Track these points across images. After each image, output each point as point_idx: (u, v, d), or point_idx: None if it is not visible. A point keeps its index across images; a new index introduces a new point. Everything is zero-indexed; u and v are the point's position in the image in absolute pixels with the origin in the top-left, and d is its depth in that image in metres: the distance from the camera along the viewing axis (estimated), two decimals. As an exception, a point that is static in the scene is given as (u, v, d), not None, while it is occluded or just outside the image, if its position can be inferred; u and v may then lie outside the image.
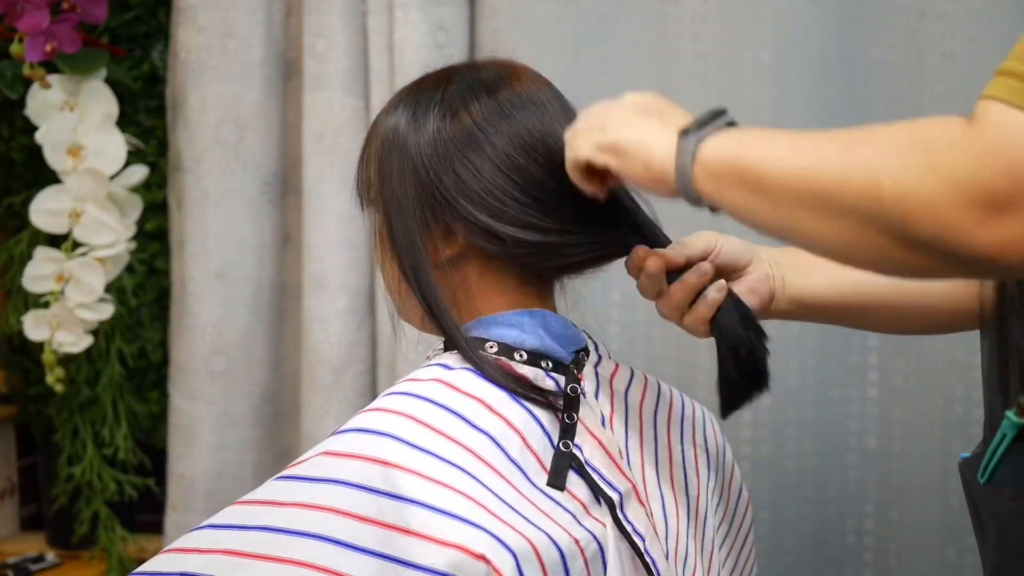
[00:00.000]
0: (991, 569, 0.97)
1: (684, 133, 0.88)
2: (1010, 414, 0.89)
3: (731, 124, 0.88)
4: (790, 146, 0.82)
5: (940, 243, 0.73)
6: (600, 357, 1.09)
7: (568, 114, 1.04)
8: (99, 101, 1.74)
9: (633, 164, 0.92)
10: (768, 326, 1.06)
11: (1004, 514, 0.94)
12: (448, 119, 1.02)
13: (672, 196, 0.90)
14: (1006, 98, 0.73)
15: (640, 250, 1.03)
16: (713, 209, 0.89)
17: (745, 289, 1.08)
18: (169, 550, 0.91)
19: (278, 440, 1.90)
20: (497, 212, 1.00)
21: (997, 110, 0.73)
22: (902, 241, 0.75)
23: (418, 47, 1.69)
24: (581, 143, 0.96)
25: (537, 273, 1.05)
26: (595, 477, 0.99)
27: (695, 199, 0.88)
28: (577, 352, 1.05)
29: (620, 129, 0.93)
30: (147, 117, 1.89)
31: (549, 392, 1.00)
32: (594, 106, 0.98)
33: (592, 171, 0.97)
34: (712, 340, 1.05)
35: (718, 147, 0.86)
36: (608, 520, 0.98)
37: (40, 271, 1.72)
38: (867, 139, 0.78)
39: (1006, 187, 0.71)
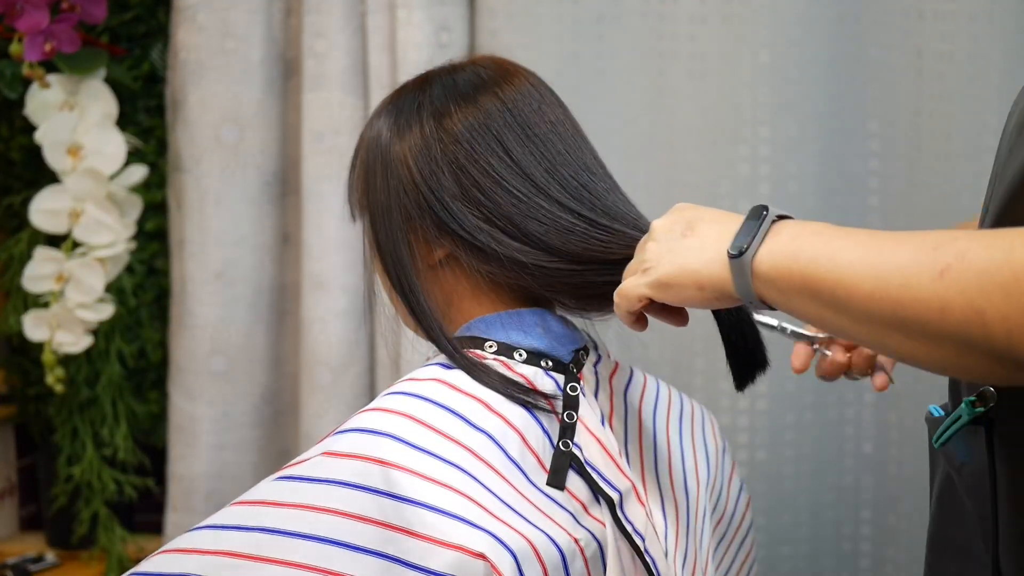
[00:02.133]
0: (930, 530, 0.98)
1: (733, 255, 0.85)
2: (968, 401, 0.90)
3: (775, 219, 0.85)
4: (865, 257, 0.78)
5: None
6: (600, 356, 1.09)
7: (554, 107, 1.05)
8: (98, 101, 1.74)
9: (685, 293, 0.89)
10: (764, 330, 1.07)
11: (946, 480, 0.96)
12: (427, 126, 1.02)
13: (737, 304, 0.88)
14: None
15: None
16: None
17: None
18: (167, 550, 0.91)
19: (278, 440, 1.90)
20: (478, 223, 1.01)
21: None
22: (1010, 364, 0.73)
23: (421, 47, 1.69)
24: (628, 288, 0.93)
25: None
26: (595, 476, 0.99)
27: (763, 308, 0.86)
28: (576, 351, 1.05)
29: (660, 264, 0.90)
30: (147, 117, 1.89)
31: (543, 395, 1.00)
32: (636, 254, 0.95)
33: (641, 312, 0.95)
34: (709, 342, 1.05)
35: (776, 255, 0.83)
36: (608, 519, 0.98)
37: (40, 271, 1.72)
38: (960, 262, 0.73)
39: None
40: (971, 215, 1.57)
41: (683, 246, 0.89)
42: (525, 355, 1.01)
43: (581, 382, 1.03)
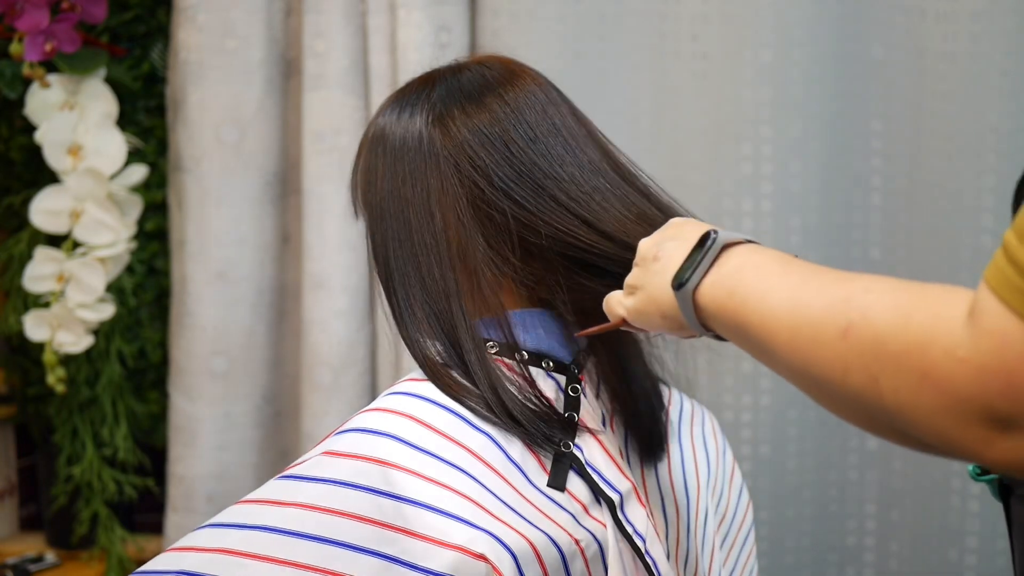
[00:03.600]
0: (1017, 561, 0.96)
1: (675, 282, 0.84)
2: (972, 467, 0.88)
3: (722, 249, 0.83)
4: (785, 306, 0.75)
5: (948, 451, 0.69)
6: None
7: (559, 107, 1.04)
8: (99, 101, 1.73)
9: (654, 321, 0.89)
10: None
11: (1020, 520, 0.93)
12: (429, 126, 1.01)
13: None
14: (1005, 296, 0.65)
15: None
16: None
17: None
18: (170, 550, 0.91)
19: (278, 440, 1.90)
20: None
21: (990, 310, 0.65)
22: (910, 440, 0.71)
23: (421, 47, 1.69)
24: (612, 309, 0.94)
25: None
26: (595, 477, 0.99)
27: (722, 338, 0.85)
28: (578, 352, 1.05)
29: (638, 289, 0.90)
30: (147, 117, 1.89)
31: (513, 419, 0.97)
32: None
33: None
34: (713, 342, 1.04)
35: (714, 294, 0.81)
36: (608, 520, 0.98)
37: (40, 271, 1.72)
38: (863, 321, 0.70)
39: (1008, 408, 0.64)
40: (971, 214, 1.57)
41: (652, 272, 0.88)
42: (526, 355, 1.01)
43: (583, 383, 1.02)
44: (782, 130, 1.65)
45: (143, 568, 0.91)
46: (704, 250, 0.84)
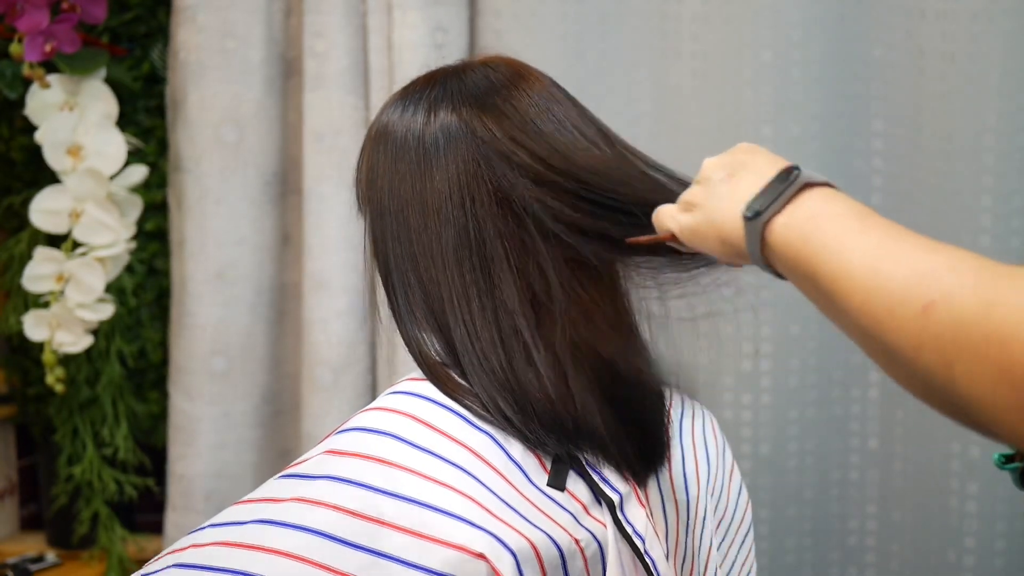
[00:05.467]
0: None
1: (748, 217, 0.81)
2: (998, 455, 0.87)
3: (802, 188, 0.80)
4: (864, 266, 0.73)
5: (1002, 437, 0.68)
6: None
7: (564, 106, 1.03)
8: (99, 101, 1.74)
9: (709, 244, 0.86)
10: (768, 326, 1.06)
11: None
12: (431, 125, 1.01)
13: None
14: None
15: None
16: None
17: None
18: (168, 551, 0.92)
19: (278, 440, 1.90)
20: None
21: None
22: (977, 426, 0.70)
23: (417, 47, 1.69)
24: (662, 219, 0.91)
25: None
26: (595, 478, 0.99)
27: (779, 275, 0.83)
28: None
29: (697, 207, 0.87)
30: (147, 117, 1.89)
31: (511, 421, 0.97)
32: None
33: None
34: (712, 338, 1.04)
35: (787, 235, 0.79)
36: (608, 520, 0.98)
37: (40, 271, 1.72)
38: (945, 303, 0.69)
39: None
40: (971, 214, 1.57)
41: (718, 194, 0.85)
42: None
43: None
44: (782, 130, 1.65)
45: (143, 571, 0.91)
46: (784, 184, 0.81)
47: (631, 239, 0.97)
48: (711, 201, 0.86)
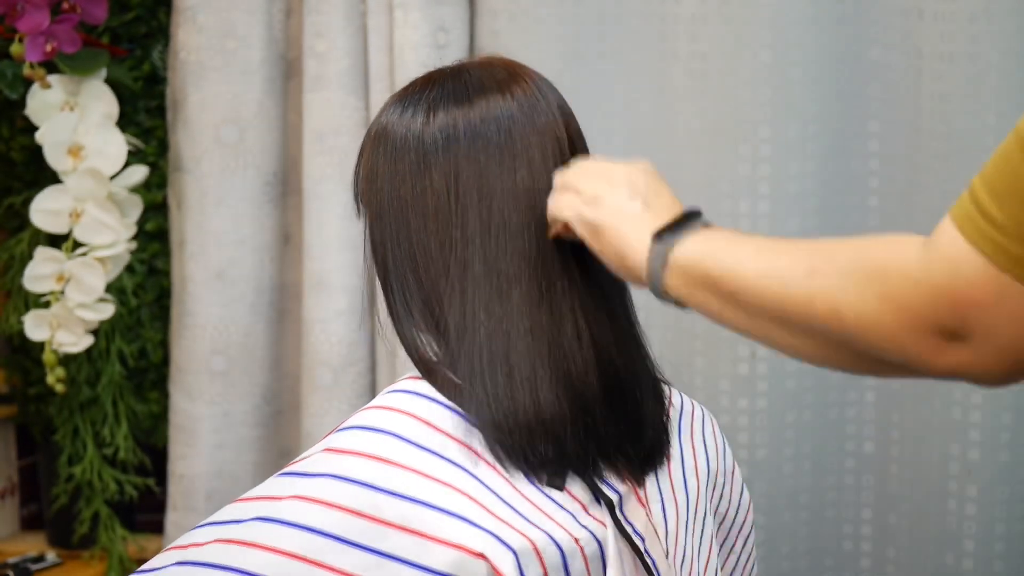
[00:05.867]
0: None
1: (658, 236, 0.91)
2: None
3: (706, 225, 0.92)
4: (757, 260, 0.86)
5: (903, 364, 0.80)
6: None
7: (559, 114, 1.04)
8: (99, 101, 1.74)
9: (608, 250, 0.94)
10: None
11: None
12: (429, 125, 1.01)
13: (642, 287, 0.93)
14: (964, 228, 0.77)
15: None
16: (680, 305, 0.92)
17: None
18: (168, 548, 0.92)
19: (278, 440, 1.90)
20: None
21: (949, 239, 0.78)
22: (868, 359, 0.82)
23: (418, 47, 1.69)
24: (566, 204, 0.96)
25: None
26: (594, 477, 0.99)
27: (664, 297, 0.92)
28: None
29: (605, 208, 0.95)
30: (147, 117, 1.89)
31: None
32: (589, 164, 0.98)
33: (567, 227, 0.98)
34: (709, 341, 1.05)
35: (689, 252, 0.90)
36: (608, 520, 0.98)
37: (40, 271, 1.73)
38: (827, 264, 0.82)
39: (956, 322, 0.77)
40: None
41: (629, 209, 0.94)
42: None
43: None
44: (780, 131, 1.65)
45: (143, 567, 0.91)
46: (691, 222, 0.92)
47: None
48: (619, 212, 0.94)
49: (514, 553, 0.90)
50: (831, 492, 1.72)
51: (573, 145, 1.03)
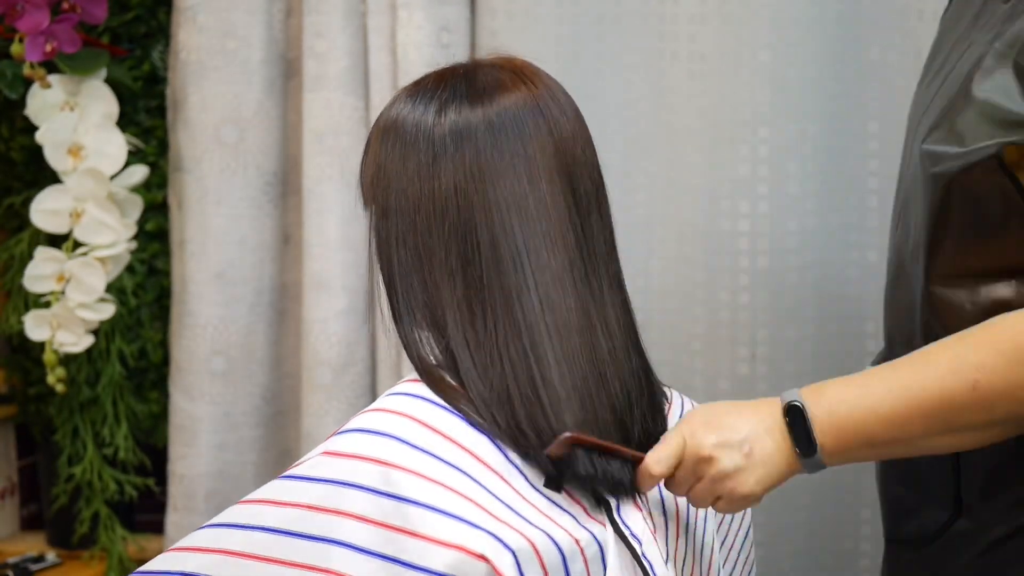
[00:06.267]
0: None
1: (804, 455, 1.00)
2: None
3: (800, 407, 1.00)
4: (901, 402, 0.97)
5: None
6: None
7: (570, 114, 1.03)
8: (99, 101, 1.74)
9: (754, 502, 1.03)
10: (764, 329, 1.07)
11: None
12: (438, 124, 1.00)
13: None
14: None
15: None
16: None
17: None
18: (171, 550, 0.92)
19: (279, 440, 1.90)
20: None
21: None
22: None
23: (422, 47, 1.69)
24: (702, 499, 1.02)
25: None
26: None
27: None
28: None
29: (737, 486, 1.00)
30: (147, 117, 1.89)
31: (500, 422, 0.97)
32: (694, 439, 1.01)
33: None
34: (709, 341, 1.05)
35: (834, 439, 0.99)
36: (608, 522, 0.98)
37: (40, 271, 1.73)
38: (983, 373, 0.94)
39: None
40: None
41: (751, 467, 1.00)
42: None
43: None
44: (779, 131, 1.65)
45: (144, 568, 0.91)
46: (806, 424, 1.00)
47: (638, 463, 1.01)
48: (750, 477, 1.00)
49: (513, 554, 0.90)
50: (831, 492, 1.71)
51: (583, 150, 1.03)
